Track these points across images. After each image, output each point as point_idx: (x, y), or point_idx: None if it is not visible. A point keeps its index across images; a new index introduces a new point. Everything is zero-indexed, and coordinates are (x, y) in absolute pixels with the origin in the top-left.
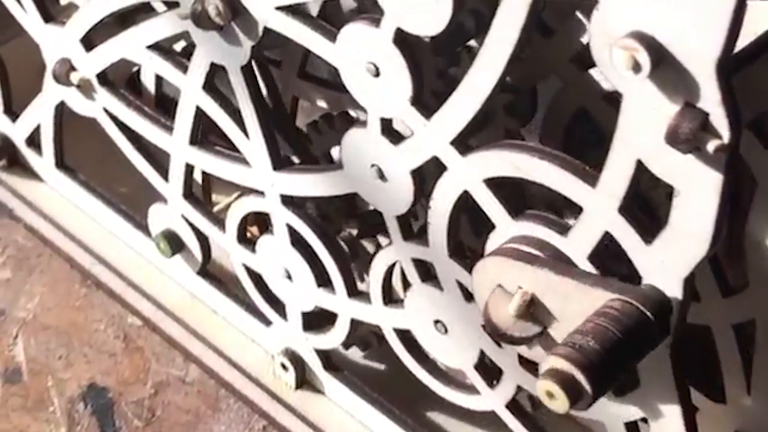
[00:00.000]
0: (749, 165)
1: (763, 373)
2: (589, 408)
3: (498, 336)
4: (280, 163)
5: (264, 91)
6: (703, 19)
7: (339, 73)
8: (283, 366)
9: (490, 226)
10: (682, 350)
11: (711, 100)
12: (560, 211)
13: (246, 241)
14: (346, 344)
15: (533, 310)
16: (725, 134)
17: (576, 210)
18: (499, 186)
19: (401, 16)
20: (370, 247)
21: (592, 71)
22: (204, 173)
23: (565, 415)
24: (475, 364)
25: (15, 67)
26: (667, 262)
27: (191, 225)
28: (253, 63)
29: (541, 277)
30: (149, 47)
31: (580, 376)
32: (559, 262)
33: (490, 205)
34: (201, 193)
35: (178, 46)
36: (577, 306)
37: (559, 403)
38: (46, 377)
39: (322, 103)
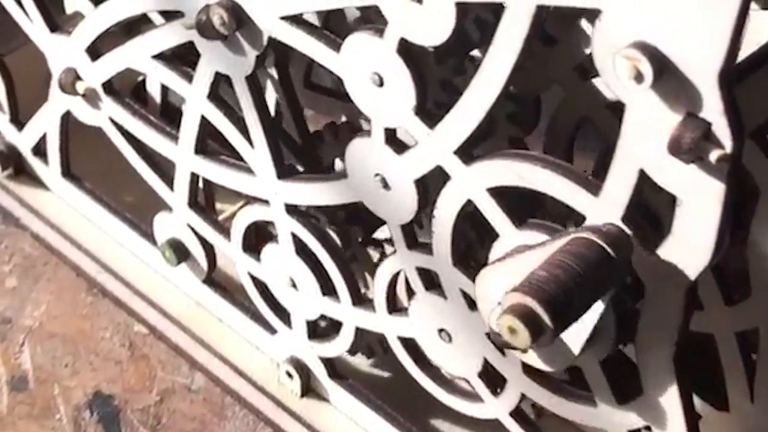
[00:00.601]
0: (752, 174)
1: (767, 381)
2: (552, 342)
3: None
4: (284, 172)
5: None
6: (705, 30)
7: (343, 82)
8: (288, 374)
9: (493, 235)
10: (685, 358)
11: (713, 110)
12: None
13: (251, 249)
14: (351, 352)
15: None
16: (728, 144)
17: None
18: (502, 195)
19: (405, 26)
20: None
21: (595, 81)
22: (206, 181)
23: (568, 422)
24: (479, 372)
25: (21, 77)
26: (670, 271)
27: (197, 234)
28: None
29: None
30: (154, 57)
31: (540, 310)
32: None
33: (494, 214)
34: (204, 200)
35: None
36: None
37: (522, 339)
38: (52, 385)
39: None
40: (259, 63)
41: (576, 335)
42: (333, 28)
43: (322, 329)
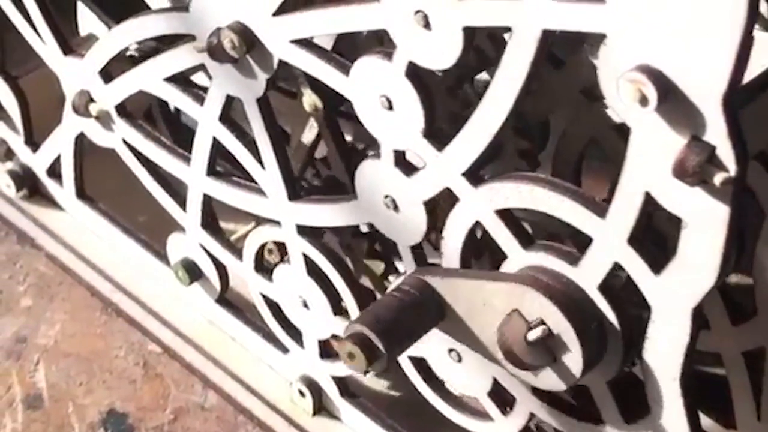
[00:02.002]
0: (757, 195)
1: None
2: (386, 366)
3: (519, 364)
4: (295, 193)
5: None
6: (709, 54)
7: (353, 105)
8: (301, 392)
9: (502, 257)
10: (691, 377)
11: (718, 134)
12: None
13: (263, 270)
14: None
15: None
16: (732, 167)
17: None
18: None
19: (413, 50)
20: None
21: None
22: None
23: None
24: (488, 391)
25: (35, 99)
26: (676, 292)
27: (209, 254)
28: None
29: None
30: (166, 79)
31: (374, 338)
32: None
33: (502, 235)
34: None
35: None
36: None
37: (359, 363)
38: (66, 403)
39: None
40: (269, 86)
41: (574, 356)
42: (343, 51)
43: (333, 348)
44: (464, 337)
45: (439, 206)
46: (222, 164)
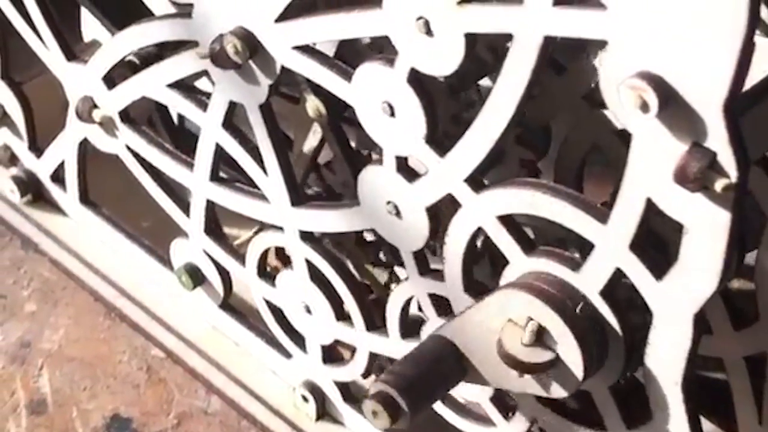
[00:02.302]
0: (758, 201)
1: None
2: (409, 424)
3: (515, 366)
4: (298, 199)
5: None
6: (710, 60)
7: (355, 111)
8: (304, 398)
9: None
10: (693, 382)
11: (719, 140)
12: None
13: (266, 275)
14: (365, 376)
15: (545, 337)
16: (733, 173)
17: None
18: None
19: (415, 56)
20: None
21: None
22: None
23: None
24: (491, 396)
25: (39, 105)
26: (678, 298)
27: (212, 259)
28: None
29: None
30: (170, 85)
31: (398, 398)
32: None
33: (504, 241)
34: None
35: None
36: None
37: (383, 421)
38: (70, 408)
39: None
40: (272, 91)
41: (575, 362)
42: (345, 57)
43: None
44: (483, 375)
45: (442, 212)
46: (225, 170)
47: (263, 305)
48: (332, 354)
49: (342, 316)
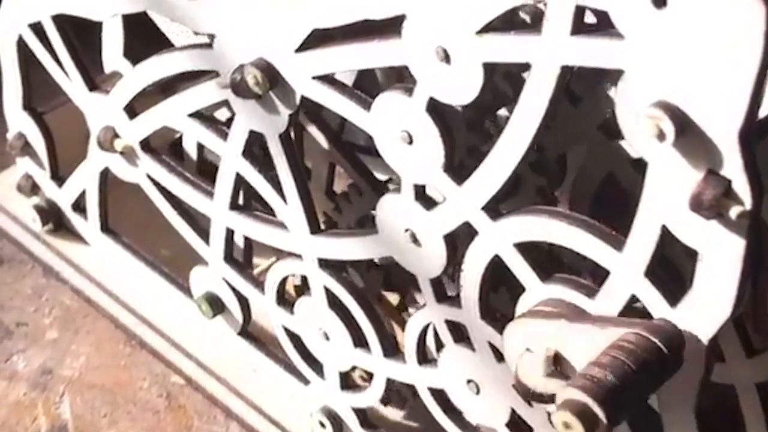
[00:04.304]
0: None
1: None
2: None
3: (530, 396)
4: (317, 227)
5: None
6: (725, 89)
7: (374, 140)
8: (321, 424)
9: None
10: (706, 409)
11: (733, 168)
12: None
13: (285, 303)
14: (383, 402)
15: (560, 367)
16: (747, 201)
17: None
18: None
19: (433, 86)
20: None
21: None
22: (246, 240)
23: None
24: (506, 422)
25: (61, 134)
26: (692, 324)
27: (232, 287)
28: None
29: (560, 328)
30: (190, 115)
31: (595, 407)
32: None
33: (520, 268)
34: (243, 254)
35: None
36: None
37: None
38: None
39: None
40: (292, 121)
41: None
42: (364, 86)
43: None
44: None
45: (459, 239)
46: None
47: (282, 332)
48: (349, 380)
49: (360, 342)
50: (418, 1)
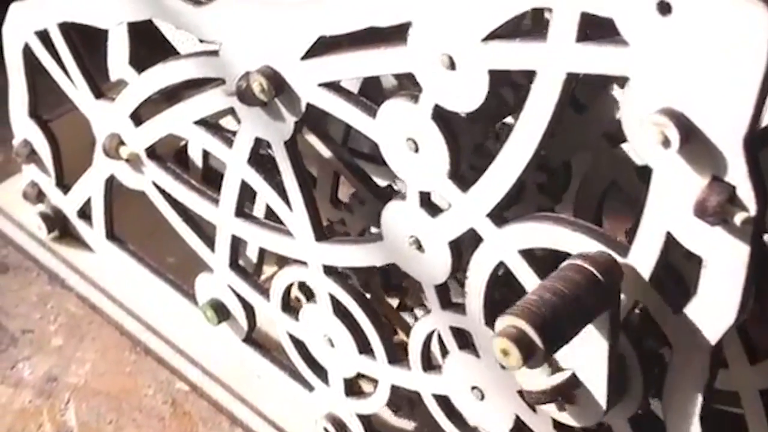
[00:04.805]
0: None
1: None
2: (543, 363)
3: (543, 401)
4: (322, 234)
5: None
6: (730, 96)
7: (379, 147)
8: (326, 430)
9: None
10: (710, 415)
11: (738, 174)
12: None
13: (290, 309)
14: (394, 411)
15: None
16: (752, 207)
17: None
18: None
19: (439, 93)
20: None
21: (624, 146)
22: (260, 252)
23: None
24: (510, 428)
25: (66, 142)
26: (696, 330)
27: (237, 294)
28: None
29: None
30: (196, 122)
31: (533, 334)
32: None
33: (525, 274)
34: (256, 262)
35: None
36: None
37: (513, 360)
38: None
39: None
40: (297, 128)
41: (597, 389)
42: (369, 94)
43: (358, 386)
44: None
45: (464, 246)
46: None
47: (286, 339)
48: (354, 387)
49: (364, 349)
50: (424, 9)
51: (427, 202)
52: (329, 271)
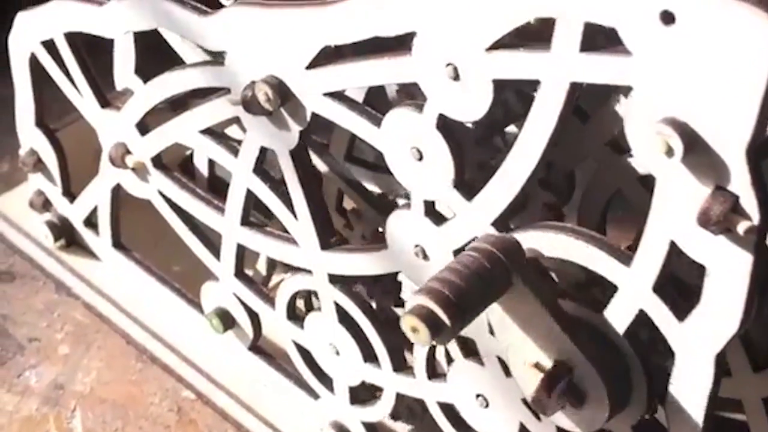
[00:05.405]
0: None
1: None
2: (451, 339)
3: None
4: (327, 242)
5: None
6: (733, 106)
7: (384, 156)
8: None
9: None
10: (714, 423)
11: (741, 184)
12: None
13: (295, 318)
14: (393, 416)
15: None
16: (755, 216)
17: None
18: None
19: (443, 102)
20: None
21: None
22: (269, 263)
23: None
24: None
25: (73, 151)
26: (699, 339)
27: (242, 303)
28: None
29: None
30: (202, 132)
31: (440, 312)
32: None
33: None
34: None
35: None
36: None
37: (422, 337)
38: None
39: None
40: (302, 137)
41: (599, 397)
42: (374, 103)
43: (363, 394)
44: (521, 324)
45: None
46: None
47: (292, 347)
48: (359, 395)
49: (369, 357)
50: (429, 18)
51: (431, 211)
52: (334, 279)
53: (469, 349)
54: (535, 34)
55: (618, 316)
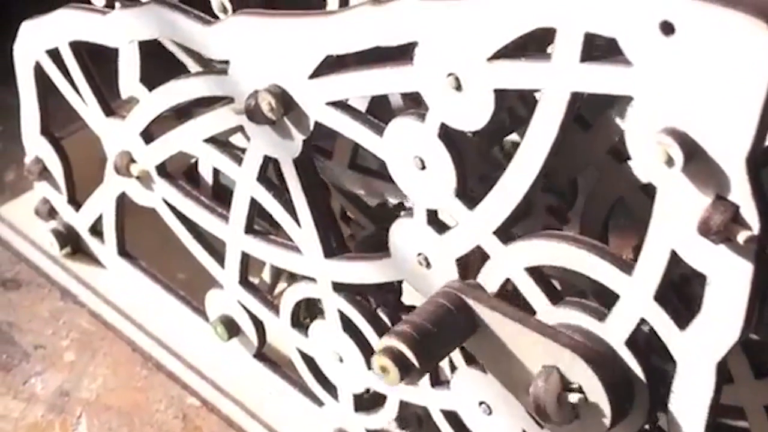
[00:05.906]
0: None
1: None
2: (419, 379)
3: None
4: (331, 250)
5: None
6: (733, 116)
7: (387, 165)
8: None
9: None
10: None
11: (741, 193)
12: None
13: (299, 325)
14: (400, 425)
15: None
16: (755, 226)
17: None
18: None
19: (445, 112)
20: None
21: (629, 163)
22: (273, 272)
23: None
24: None
25: (78, 159)
26: (701, 347)
27: (247, 310)
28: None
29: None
30: (206, 140)
31: (409, 354)
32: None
33: (531, 292)
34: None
35: None
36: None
37: (392, 377)
38: None
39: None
40: (306, 146)
41: (602, 411)
42: (377, 112)
43: (367, 402)
44: (491, 363)
45: (471, 263)
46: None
47: (296, 355)
48: (363, 402)
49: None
50: (430, 28)
51: (434, 220)
52: (338, 287)
53: (472, 357)
54: (539, 39)
55: (619, 324)
